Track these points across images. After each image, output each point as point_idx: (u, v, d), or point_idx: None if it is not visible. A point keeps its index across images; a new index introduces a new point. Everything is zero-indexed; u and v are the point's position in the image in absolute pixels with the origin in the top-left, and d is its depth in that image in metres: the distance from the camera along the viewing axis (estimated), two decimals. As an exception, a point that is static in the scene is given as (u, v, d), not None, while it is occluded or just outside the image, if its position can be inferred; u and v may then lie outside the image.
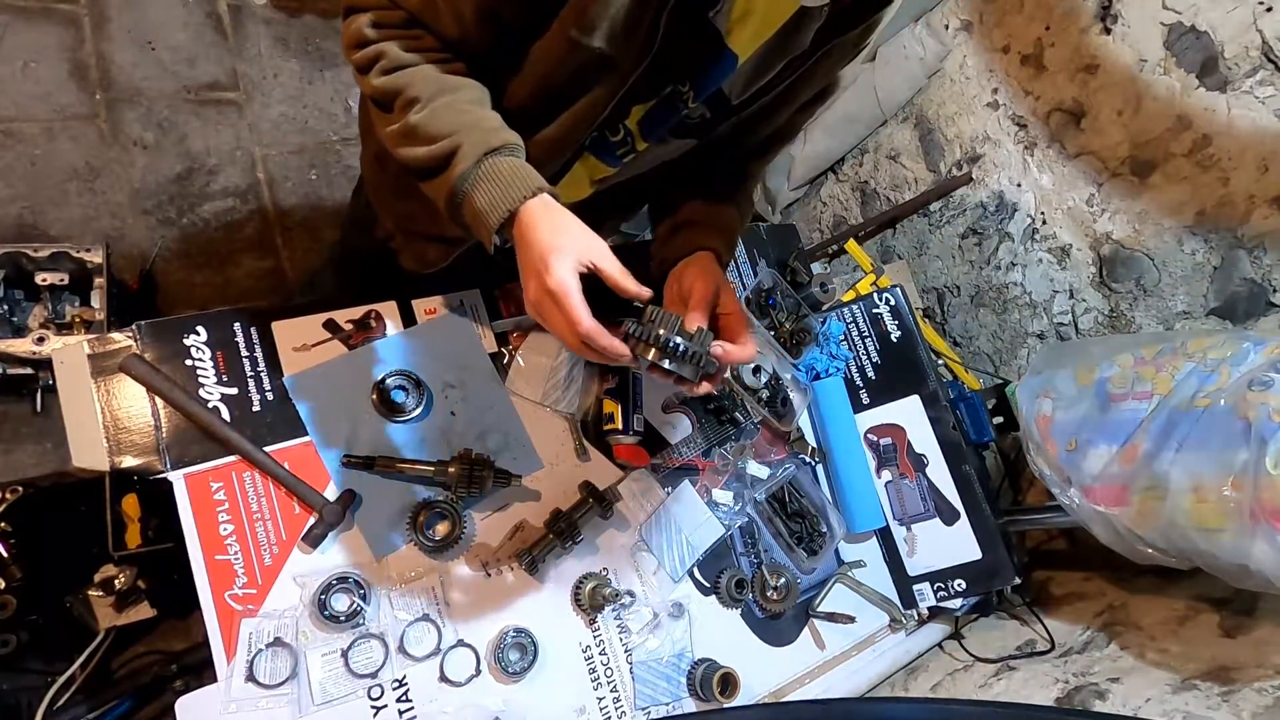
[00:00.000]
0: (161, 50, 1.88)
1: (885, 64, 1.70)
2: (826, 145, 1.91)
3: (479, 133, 0.69)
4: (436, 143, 0.69)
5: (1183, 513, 0.91)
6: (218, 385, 0.90)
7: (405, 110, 0.70)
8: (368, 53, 0.71)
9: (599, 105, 0.71)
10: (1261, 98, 1.12)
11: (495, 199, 0.68)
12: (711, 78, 0.73)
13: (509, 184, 0.68)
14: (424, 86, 0.69)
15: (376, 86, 0.71)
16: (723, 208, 0.92)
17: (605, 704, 0.96)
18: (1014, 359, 1.60)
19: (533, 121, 0.74)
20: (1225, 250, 1.21)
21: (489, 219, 0.68)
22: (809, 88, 0.82)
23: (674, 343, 0.69)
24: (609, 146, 0.81)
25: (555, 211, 0.69)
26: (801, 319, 1.30)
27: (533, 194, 0.68)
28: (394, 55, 0.70)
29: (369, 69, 0.71)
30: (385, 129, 0.74)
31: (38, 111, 1.73)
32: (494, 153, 0.69)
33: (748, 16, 0.68)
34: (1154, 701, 0.91)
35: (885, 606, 1.23)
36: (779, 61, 0.74)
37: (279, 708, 0.81)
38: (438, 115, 0.69)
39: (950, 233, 1.70)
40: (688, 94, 0.75)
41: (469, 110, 0.70)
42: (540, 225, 0.67)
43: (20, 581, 1.23)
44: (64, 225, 1.69)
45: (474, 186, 0.69)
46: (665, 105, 0.76)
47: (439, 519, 0.93)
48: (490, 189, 0.68)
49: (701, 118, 0.81)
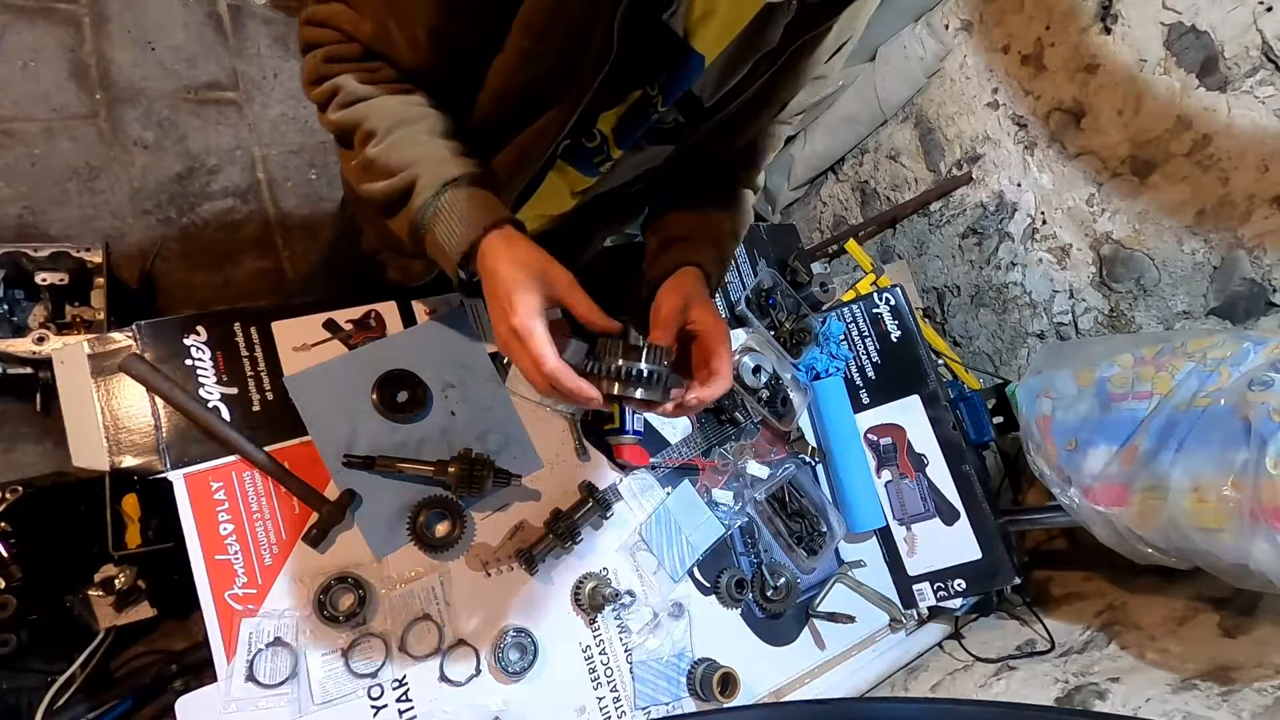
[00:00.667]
0: (161, 50, 1.88)
1: (885, 64, 1.70)
2: (827, 145, 1.92)
3: (437, 164, 0.67)
4: (394, 176, 0.67)
5: (1183, 513, 0.91)
6: (218, 385, 0.90)
7: (364, 144, 0.68)
8: (325, 88, 0.69)
9: (563, 114, 0.68)
10: (1262, 98, 1.12)
11: (455, 233, 0.66)
12: (679, 81, 0.71)
13: (468, 217, 0.66)
14: (381, 119, 0.67)
15: (334, 121, 0.69)
16: (711, 219, 0.87)
17: (605, 704, 0.96)
18: (1014, 359, 1.60)
19: (499, 136, 0.73)
20: (1225, 250, 1.21)
21: (450, 253, 0.67)
22: (786, 87, 0.78)
23: (633, 370, 0.66)
24: (585, 155, 0.79)
25: (518, 244, 0.67)
26: (801, 319, 1.30)
27: (494, 225, 0.66)
28: (351, 89, 0.68)
29: (327, 104, 0.69)
30: (346, 165, 0.72)
31: (38, 111, 1.73)
32: (453, 184, 0.67)
33: (710, 16, 0.65)
34: (1154, 701, 0.91)
35: (885, 606, 1.23)
36: (748, 60, 0.71)
37: (279, 707, 0.81)
38: (395, 148, 0.67)
39: (950, 232, 1.70)
40: (656, 98, 0.72)
41: (427, 142, 0.69)
42: (502, 260, 0.65)
43: (20, 581, 1.23)
44: (64, 225, 1.69)
45: (434, 220, 0.67)
46: (636, 111, 0.74)
47: (439, 519, 0.93)
48: (450, 222, 0.66)
49: (675, 122, 0.78)
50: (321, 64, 0.68)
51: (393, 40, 0.66)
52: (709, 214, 0.88)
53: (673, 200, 0.90)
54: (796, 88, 0.79)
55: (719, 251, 0.85)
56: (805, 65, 0.75)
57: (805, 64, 0.75)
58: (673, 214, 0.88)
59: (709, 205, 0.89)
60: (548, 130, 0.70)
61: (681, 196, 0.90)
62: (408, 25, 0.65)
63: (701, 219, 0.87)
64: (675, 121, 0.78)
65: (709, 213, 0.88)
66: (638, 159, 0.83)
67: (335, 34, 0.68)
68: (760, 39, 0.69)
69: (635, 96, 0.72)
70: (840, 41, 0.76)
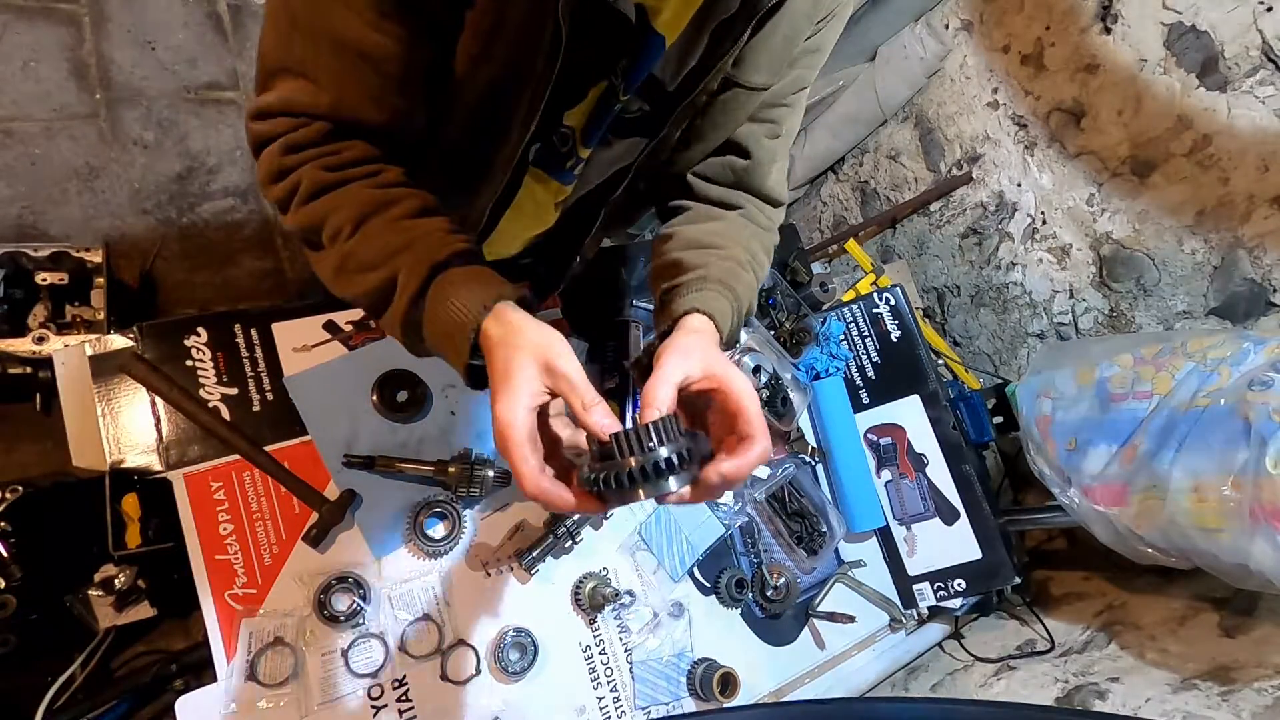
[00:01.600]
0: (161, 50, 1.88)
1: (885, 64, 1.70)
2: (827, 145, 1.91)
3: (419, 251, 0.59)
4: (373, 271, 0.60)
5: (1183, 512, 0.91)
6: (218, 385, 0.90)
7: (334, 241, 0.61)
8: (286, 184, 0.61)
9: (527, 115, 0.63)
10: (1262, 97, 1.12)
11: (451, 327, 0.58)
12: (640, 66, 0.66)
13: (462, 306, 0.57)
14: (350, 210, 0.60)
15: (298, 220, 0.62)
16: (715, 254, 0.73)
17: (605, 703, 0.96)
18: (1014, 359, 1.60)
19: (471, 151, 0.69)
20: (1225, 250, 1.21)
21: (457, 348, 0.58)
22: (758, 71, 0.70)
23: (628, 473, 0.52)
24: (559, 159, 0.74)
25: (510, 328, 0.57)
26: (801, 319, 1.30)
27: (485, 310, 0.57)
28: (314, 180, 0.60)
29: (289, 203, 0.62)
30: (319, 268, 0.64)
31: (38, 111, 1.72)
32: (440, 269, 0.59)
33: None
34: (1154, 701, 0.91)
35: (885, 606, 1.23)
36: (705, 30, 0.65)
37: (279, 707, 0.81)
38: (369, 240, 0.60)
39: (950, 232, 1.70)
40: (619, 85, 0.67)
41: (406, 227, 0.61)
42: (496, 349, 0.57)
43: (20, 581, 1.22)
44: (64, 225, 1.69)
45: (425, 316, 0.59)
46: (600, 104, 0.69)
47: (439, 519, 0.93)
48: (443, 314, 0.58)
49: (640, 111, 0.72)
50: (280, 158, 0.60)
51: (355, 101, 0.59)
52: (715, 242, 0.75)
53: (672, 235, 0.78)
54: (772, 74, 0.72)
55: (730, 289, 0.71)
56: (776, 45, 0.69)
57: (775, 43, 0.69)
58: (672, 251, 0.75)
59: (715, 232, 0.77)
60: (513, 133, 0.65)
61: (682, 223, 0.79)
62: (365, 73, 0.58)
63: (704, 254, 0.74)
64: (641, 110, 0.72)
65: (715, 240, 0.76)
66: (609, 155, 0.77)
67: (291, 120, 0.60)
68: (715, 6, 0.63)
69: (600, 89, 0.67)
70: (817, 18, 0.70)
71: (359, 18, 0.55)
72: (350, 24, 0.55)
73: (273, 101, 0.60)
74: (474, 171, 0.71)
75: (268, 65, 0.60)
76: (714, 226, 0.78)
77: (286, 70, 0.59)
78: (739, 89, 0.72)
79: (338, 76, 0.58)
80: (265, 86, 0.61)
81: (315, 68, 0.58)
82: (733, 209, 0.81)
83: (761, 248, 0.80)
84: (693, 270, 0.71)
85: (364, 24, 0.55)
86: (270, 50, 0.59)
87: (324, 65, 0.58)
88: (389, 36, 0.56)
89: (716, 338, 0.67)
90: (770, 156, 0.80)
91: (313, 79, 0.59)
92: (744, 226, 0.80)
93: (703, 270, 0.71)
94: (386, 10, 0.55)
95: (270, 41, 0.59)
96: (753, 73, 0.71)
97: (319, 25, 0.56)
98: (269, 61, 0.60)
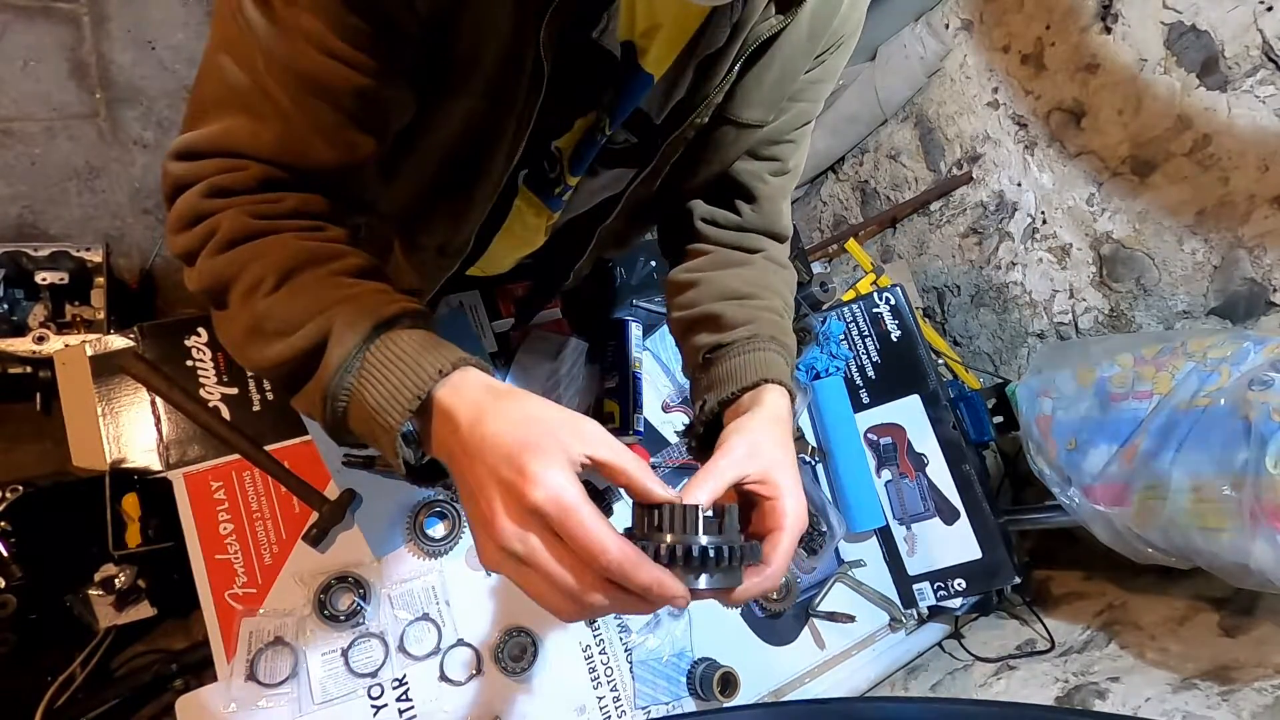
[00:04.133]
0: (161, 49, 1.88)
1: (885, 63, 1.70)
2: (827, 144, 1.92)
3: (361, 304, 0.47)
4: (295, 332, 0.47)
5: (1183, 512, 0.91)
6: (218, 385, 0.90)
7: (248, 298, 0.48)
8: (199, 230, 0.50)
9: (511, 147, 0.59)
10: (1262, 97, 1.12)
11: (395, 388, 0.44)
12: (624, 101, 0.64)
13: (414, 365, 0.45)
14: (276, 261, 0.48)
15: (207, 272, 0.49)
16: (756, 306, 0.68)
17: (605, 703, 0.96)
18: (1014, 358, 1.60)
19: (449, 179, 0.64)
20: (1225, 250, 1.21)
21: (386, 417, 0.44)
22: (751, 106, 0.68)
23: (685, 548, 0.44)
24: (548, 185, 0.71)
25: (502, 393, 0.45)
26: (801, 318, 1.30)
27: (452, 368, 0.45)
28: (236, 225, 0.49)
29: (197, 253, 0.50)
30: (223, 331, 0.52)
31: (37, 111, 1.72)
32: (385, 325, 0.47)
33: (656, 31, 0.58)
34: (1154, 701, 0.91)
35: (885, 606, 1.23)
36: (689, 65, 0.63)
37: (279, 707, 0.81)
38: (296, 295, 0.48)
39: (950, 232, 1.70)
40: (604, 121, 0.65)
41: (345, 284, 0.49)
42: (488, 416, 0.43)
43: (20, 581, 1.23)
44: (64, 224, 1.69)
45: (361, 378, 0.46)
46: (586, 135, 0.67)
47: (439, 518, 0.93)
48: (387, 377, 0.45)
49: (627, 142, 0.69)
50: (200, 200, 0.50)
51: (306, 141, 0.50)
52: (751, 291, 0.70)
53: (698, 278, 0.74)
54: (767, 111, 0.69)
55: (785, 346, 0.66)
56: (770, 82, 0.67)
57: (769, 80, 0.66)
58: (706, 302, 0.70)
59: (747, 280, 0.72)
60: (497, 161, 0.61)
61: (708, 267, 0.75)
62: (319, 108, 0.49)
63: (745, 302, 0.68)
64: (628, 142, 0.69)
65: (750, 290, 0.70)
66: (596, 184, 0.74)
67: (222, 162, 0.50)
68: (701, 42, 0.61)
69: (588, 121, 0.65)
70: (817, 52, 0.68)
71: (316, 48, 0.47)
72: (305, 54, 0.47)
73: (201, 140, 0.50)
74: (459, 197, 0.67)
75: (202, 98, 0.51)
76: (745, 274, 0.74)
77: (224, 105, 0.50)
78: (731, 125, 0.69)
79: (285, 111, 0.49)
80: (196, 122, 0.51)
81: (259, 102, 0.49)
82: (752, 252, 0.77)
83: (788, 288, 0.77)
84: (741, 326, 0.67)
85: (322, 54, 0.47)
86: (206, 82, 0.51)
87: (270, 99, 0.49)
88: (351, 66, 0.48)
89: (791, 421, 0.61)
90: (778, 194, 0.78)
91: (255, 114, 0.49)
92: (773, 272, 0.76)
93: (754, 327, 0.67)
94: (351, 39, 0.47)
95: (207, 73, 0.50)
96: (745, 109, 0.68)
97: (269, 57, 0.48)
98: (203, 94, 0.51)
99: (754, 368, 0.63)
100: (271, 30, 0.47)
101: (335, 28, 0.47)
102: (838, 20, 0.67)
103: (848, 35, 0.70)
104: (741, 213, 0.77)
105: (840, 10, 0.66)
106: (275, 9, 0.46)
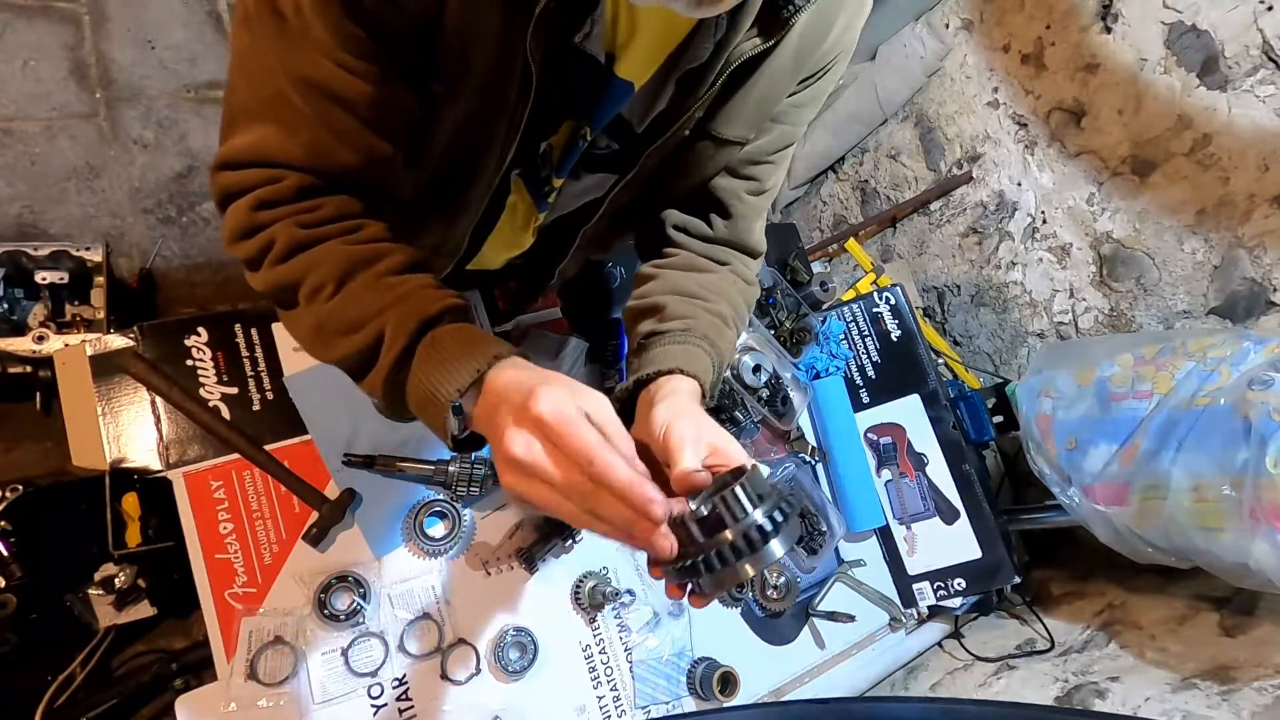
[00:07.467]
0: (161, 49, 1.88)
1: (885, 63, 1.70)
2: (827, 144, 1.92)
3: (410, 304, 0.56)
4: (357, 331, 0.56)
5: (1183, 512, 0.91)
6: (218, 385, 0.90)
7: (311, 301, 0.57)
8: (257, 241, 0.57)
9: (503, 148, 0.62)
10: (1262, 97, 1.12)
11: (446, 372, 0.53)
12: (604, 108, 0.66)
13: (460, 354, 0.53)
14: (330, 268, 0.56)
15: (271, 279, 0.58)
16: (701, 305, 0.73)
17: (605, 703, 0.96)
18: (1014, 358, 1.60)
19: (444, 181, 0.67)
20: (1225, 250, 1.21)
21: (441, 391, 0.53)
22: (733, 122, 0.69)
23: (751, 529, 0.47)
24: (539, 182, 0.73)
25: (534, 369, 0.54)
26: (801, 318, 1.30)
27: (500, 357, 0.53)
28: (290, 237, 0.56)
29: (260, 261, 0.58)
30: (293, 329, 0.61)
31: (38, 110, 1.72)
32: (432, 322, 0.55)
33: (634, 41, 0.60)
34: (1154, 700, 0.91)
35: (885, 605, 1.23)
36: (671, 78, 0.64)
37: (279, 706, 0.81)
38: (353, 298, 0.56)
39: (950, 232, 1.70)
40: (585, 128, 0.67)
41: (392, 284, 0.57)
42: (517, 378, 0.52)
43: (20, 580, 1.23)
44: (64, 224, 1.69)
45: (414, 368, 0.55)
46: (570, 138, 0.69)
47: (439, 518, 0.93)
48: (437, 363, 0.53)
49: (609, 149, 0.71)
50: (250, 214, 0.57)
51: (331, 147, 0.56)
52: (703, 294, 0.75)
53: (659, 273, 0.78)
54: (748, 129, 0.71)
55: (714, 346, 0.71)
56: (753, 101, 0.68)
57: (752, 98, 0.68)
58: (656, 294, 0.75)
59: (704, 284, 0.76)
60: (490, 162, 0.64)
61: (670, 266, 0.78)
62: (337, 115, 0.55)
63: (693, 300, 0.73)
64: (610, 148, 0.71)
65: (703, 292, 0.75)
66: (578, 187, 0.76)
67: (261, 173, 0.57)
68: (683, 55, 0.63)
69: (573, 123, 0.67)
70: (802, 75, 0.70)
71: (328, 58, 0.52)
72: (319, 65, 0.52)
73: (242, 150, 0.57)
74: (453, 198, 0.70)
75: (234, 109, 0.57)
76: (703, 279, 0.77)
77: (255, 115, 0.56)
78: (711, 140, 0.71)
79: (309, 120, 0.55)
80: (232, 131, 0.57)
81: (285, 111, 0.55)
82: (720, 264, 0.80)
83: (745, 303, 0.80)
84: (679, 320, 0.71)
85: (333, 64, 0.52)
86: (237, 94, 0.57)
87: (294, 108, 0.54)
88: (359, 75, 0.53)
89: (699, 406, 0.64)
90: (753, 212, 0.80)
91: (283, 124, 0.55)
92: (733, 283, 0.79)
93: (690, 321, 0.71)
94: (354, 49, 0.52)
95: (237, 85, 0.57)
96: (726, 125, 0.70)
97: (287, 67, 0.53)
98: (236, 106, 0.57)
99: (674, 357, 0.67)
100: (285, 42, 0.52)
101: (340, 38, 0.51)
102: (828, 44, 0.68)
103: (838, 59, 0.71)
104: (714, 226, 0.79)
105: (831, 35, 0.67)
106: (287, 20, 0.51)
